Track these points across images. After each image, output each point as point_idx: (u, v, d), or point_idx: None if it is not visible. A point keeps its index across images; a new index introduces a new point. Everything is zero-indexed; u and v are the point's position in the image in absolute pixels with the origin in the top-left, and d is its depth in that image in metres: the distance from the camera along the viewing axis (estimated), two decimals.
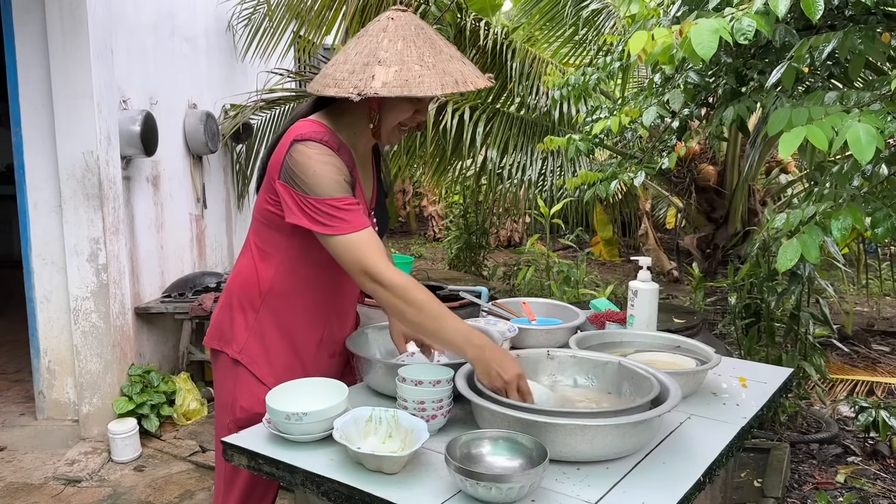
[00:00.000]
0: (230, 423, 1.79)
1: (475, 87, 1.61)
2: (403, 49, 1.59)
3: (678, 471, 1.39)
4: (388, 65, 1.57)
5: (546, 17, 5.64)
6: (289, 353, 1.80)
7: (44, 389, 3.91)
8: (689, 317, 2.95)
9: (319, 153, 1.61)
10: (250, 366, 1.78)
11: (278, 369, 1.78)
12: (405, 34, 1.61)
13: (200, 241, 5.08)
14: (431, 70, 1.57)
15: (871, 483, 3.29)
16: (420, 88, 1.55)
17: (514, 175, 5.19)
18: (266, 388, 1.74)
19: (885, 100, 1.76)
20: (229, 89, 5.48)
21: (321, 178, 1.59)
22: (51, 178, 3.73)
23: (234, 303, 1.82)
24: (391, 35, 1.61)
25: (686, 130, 3.02)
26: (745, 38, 1.81)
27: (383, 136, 1.72)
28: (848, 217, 1.69)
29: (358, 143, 1.76)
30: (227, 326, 1.82)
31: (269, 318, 1.78)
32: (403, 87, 1.55)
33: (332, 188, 1.59)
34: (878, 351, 5.26)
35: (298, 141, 1.62)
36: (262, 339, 1.78)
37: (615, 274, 8.34)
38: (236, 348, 1.79)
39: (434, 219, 11.18)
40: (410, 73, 1.56)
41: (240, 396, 1.78)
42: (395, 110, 1.67)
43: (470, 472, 1.24)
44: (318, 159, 1.60)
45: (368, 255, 1.58)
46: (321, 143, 1.62)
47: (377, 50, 1.59)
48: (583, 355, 1.74)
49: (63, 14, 3.58)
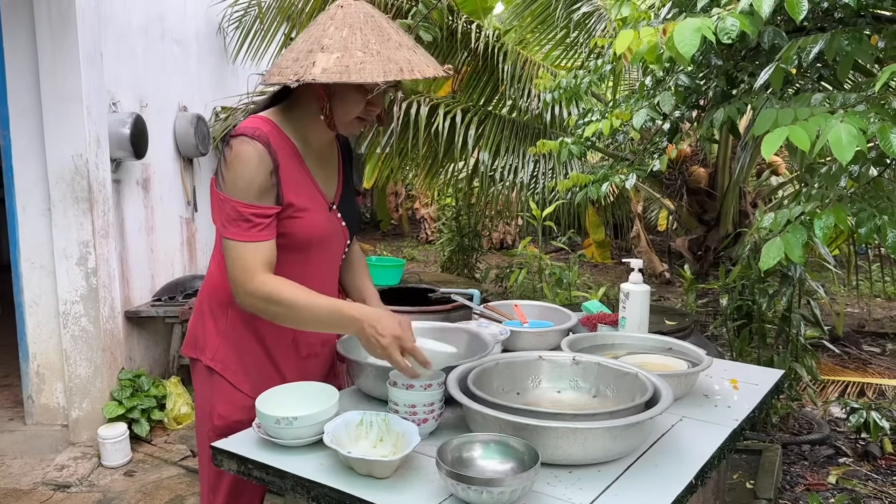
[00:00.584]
0: (209, 431, 1.77)
1: (422, 75, 1.56)
2: (348, 36, 1.56)
3: (670, 473, 1.39)
4: (331, 51, 1.54)
5: (537, 20, 5.65)
6: (261, 355, 1.78)
7: (33, 394, 3.89)
8: (680, 319, 2.95)
9: (247, 152, 1.58)
10: (224, 373, 1.76)
11: (253, 374, 1.76)
12: (352, 22, 1.58)
13: (191, 244, 5.06)
14: (375, 57, 1.53)
15: (862, 484, 3.30)
16: (360, 75, 1.51)
17: (507, 177, 5.19)
18: (241, 394, 1.75)
19: (869, 101, 1.77)
20: (220, 92, 5.46)
21: (237, 180, 1.58)
22: (40, 182, 3.71)
23: (204, 309, 1.80)
24: (338, 23, 1.58)
25: (677, 133, 3.03)
26: (729, 38, 1.81)
27: (338, 127, 1.68)
28: (831, 216, 1.70)
29: (311, 135, 1.72)
30: (200, 333, 1.80)
31: (238, 321, 1.76)
32: (343, 73, 1.51)
33: (244, 192, 1.58)
34: (868, 352, 5.29)
35: (232, 136, 1.62)
36: (233, 343, 1.77)
37: (607, 276, 8.35)
38: (209, 355, 1.77)
39: (426, 221, 11.17)
40: (352, 60, 1.52)
41: (217, 404, 1.76)
42: (345, 101, 1.62)
43: (461, 476, 1.23)
44: (242, 160, 1.58)
45: (248, 269, 1.58)
46: (251, 137, 1.59)
47: (322, 37, 1.57)
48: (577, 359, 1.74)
49: (52, 17, 3.56)
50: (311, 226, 1.70)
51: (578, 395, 1.69)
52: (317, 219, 1.71)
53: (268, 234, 1.61)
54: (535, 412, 1.40)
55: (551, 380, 1.72)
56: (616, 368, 1.65)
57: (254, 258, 1.59)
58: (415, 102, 4.98)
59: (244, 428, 1.64)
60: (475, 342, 1.87)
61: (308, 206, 1.69)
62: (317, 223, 1.71)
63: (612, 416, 1.39)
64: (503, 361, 1.72)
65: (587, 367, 1.70)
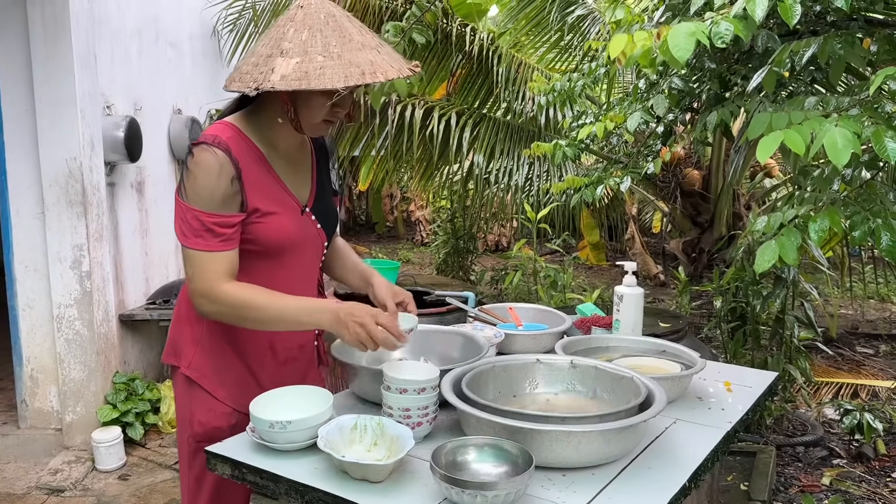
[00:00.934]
0: (189, 437, 1.76)
1: (385, 77, 1.51)
2: (308, 39, 1.51)
3: (664, 476, 1.39)
4: (290, 56, 1.49)
5: (532, 23, 5.66)
6: (236, 362, 1.76)
7: (26, 398, 3.87)
8: (674, 321, 2.96)
9: (207, 160, 1.56)
10: (200, 380, 1.73)
11: (228, 382, 1.74)
12: (312, 23, 1.53)
13: None
14: (336, 61, 1.48)
15: (856, 485, 3.31)
16: (320, 81, 1.46)
17: (501, 180, 5.20)
18: (218, 401, 1.73)
19: (863, 104, 1.78)
20: (214, 94, 5.45)
21: (198, 189, 1.56)
22: (34, 185, 3.70)
23: (182, 317, 1.78)
24: (298, 24, 1.54)
25: (671, 135, 3.04)
26: (723, 42, 1.82)
27: (305, 130, 1.65)
28: (825, 219, 1.71)
29: (277, 139, 1.69)
30: (178, 340, 1.78)
31: (213, 327, 1.73)
32: (302, 79, 1.47)
33: (206, 201, 1.56)
34: (862, 353, 5.30)
35: (193, 144, 1.60)
36: (208, 350, 1.74)
37: (602, 278, 8.36)
38: (185, 363, 1.75)
39: (421, 224, 11.17)
40: (311, 65, 1.48)
41: (196, 411, 1.74)
42: (310, 105, 1.58)
43: (455, 480, 1.23)
44: (203, 168, 1.56)
45: (211, 279, 1.57)
46: (211, 145, 1.57)
47: (282, 41, 1.52)
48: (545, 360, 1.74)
49: (45, 19, 3.56)
50: (279, 230, 1.66)
51: (575, 398, 1.70)
52: (285, 222, 1.68)
53: (231, 244, 1.59)
54: (528, 415, 1.40)
55: (549, 383, 1.72)
56: (613, 372, 1.65)
57: (217, 268, 1.57)
58: (409, 105, 4.98)
59: (224, 435, 1.63)
60: (470, 345, 1.87)
61: (276, 209, 1.66)
62: (285, 227, 1.67)
63: (606, 419, 1.39)
64: (500, 364, 1.72)
65: (584, 371, 1.70)
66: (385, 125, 5.02)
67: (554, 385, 1.72)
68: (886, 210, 1.75)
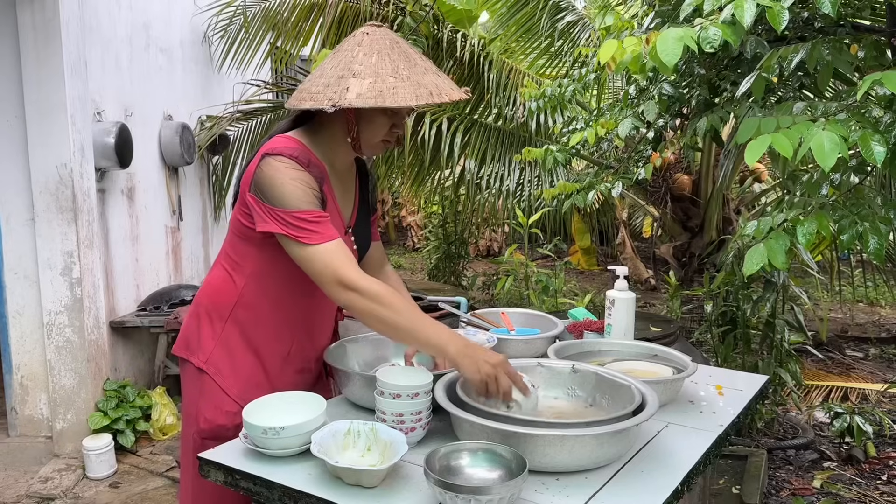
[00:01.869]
0: (194, 433, 1.78)
1: (450, 98, 1.62)
2: (378, 62, 1.61)
3: (656, 479, 1.40)
4: (363, 77, 1.58)
5: (522, 29, 5.69)
6: (254, 365, 1.78)
7: (16, 406, 3.85)
8: (665, 325, 2.97)
9: (288, 167, 1.62)
10: (215, 376, 1.76)
11: (242, 381, 1.76)
12: (380, 48, 1.63)
13: (176, 253, 5.03)
14: (406, 82, 1.59)
15: (846, 488, 3.33)
16: (394, 99, 1.56)
17: (493, 185, 5.21)
18: (229, 398, 1.75)
19: (850, 109, 1.80)
20: (205, 100, 5.45)
21: (290, 191, 1.60)
22: (23, 191, 3.68)
23: (202, 312, 1.81)
24: (366, 49, 1.63)
25: (661, 141, 3.06)
26: (712, 47, 1.84)
27: (364, 149, 1.73)
28: (813, 223, 1.72)
29: (335, 158, 1.76)
30: (193, 335, 1.81)
31: (235, 329, 1.77)
32: (378, 97, 1.56)
33: (300, 200, 1.60)
34: (851, 357, 5.34)
35: (269, 154, 1.64)
36: (228, 349, 1.77)
37: (593, 283, 8.39)
38: (202, 357, 1.78)
39: (413, 229, 11.18)
40: (385, 85, 1.57)
41: (204, 408, 1.77)
42: (373, 124, 1.67)
43: (449, 485, 1.23)
44: (287, 173, 1.61)
45: (339, 265, 1.58)
46: (289, 158, 1.63)
47: (352, 63, 1.61)
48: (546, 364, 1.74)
49: (36, 26, 3.55)
50: None
51: (575, 403, 1.69)
52: None
53: (336, 233, 1.63)
54: (521, 420, 1.40)
55: (550, 387, 1.72)
56: (613, 379, 1.64)
57: (342, 254, 1.59)
58: None
59: (227, 434, 1.65)
60: None
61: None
62: None
63: (598, 424, 1.40)
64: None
65: (585, 376, 1.70)
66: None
67: (555, 390, 1.72)
68: (874, 214, 1.77)
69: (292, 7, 5.25)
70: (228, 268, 1.78)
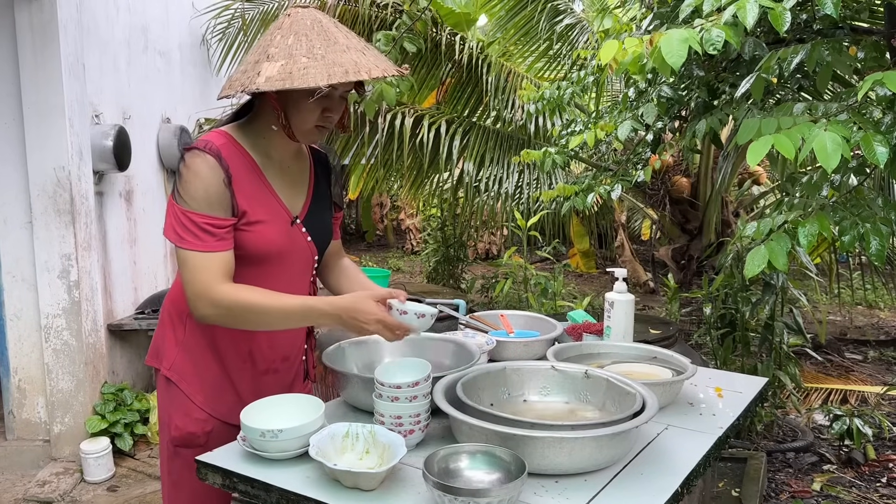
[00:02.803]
0: (167, 442, 1.76)
1: (370, 75, 1.54)
2: (294, 43, 1.56)
3: (656, 482, 1.39)
4: (276, 59, 1.54)
5: (521, 32, 5.69)
6: (216, 368, 1.75)
7: (14, 409, 3.83)
8: (664, 327, 2.96)
9: (198, 164, 1.58)
10: (180, 383, 1.73)
11: (207, 387, 1.74)
12: (298, 29, 1.58)
13: (174, 256, 5.02)
14: (319, 62, 1.52)
15: (846, 491, 3.33)
16: (303, 80, 1.50)
17: (491, 188, 5.21)
18: (196, 406, 1.72)
19: (851, 110, 1.79)
20: (203, 103, 5.44)
21: (191, 191, 1.57)
22: (21, 194, 3.67)
23: (166, 319, 1.78)
24: (284, 31, 1.59)
25: (660, 143, 3.05)
26: (715, 49, 1.83)
27: (298, 136, 1.66)
28: (815, 225, 1.72)
29: (272, 148, 1.70)
30: (160, 342, 1.79)
31: (196, 332, 1.73)
32: (286, 79, 1.50)
33: (198, 203, 1.57)
34: (850, 359, 5.33)
35: (186, 150, 1.61)
36: (190, 354, 1.74)
37: (592, 285, 8.39)
38: (167, 364, 1.75)
39: (411, 232, 11.17)
40: (295, 66, 1.52)
41: (174, 415, 1.74)
42: (300, 109, 1.61)
43: (448, 487, 1.23)
44: (195, 171, 1.58)
45: (209, 280, 1.56)
46: (202, 151, 1.59)
47: (269, 46, 1.57)
48: (560, 368, 1.74)
49: (34, 28, 3.54)
50: (265, 239, 1.66)
51: (584, 407, 1.67)
52: (272, 231, 1.67)
53: (226, 244, 1.60)
54: (520, 422, 1.40)
55: (561, 392, 1.70)
56: (621, 386, 1.62)
57: (215, 269, 1.57)
58: (399, 114, 4.99)
59: (199, 441, 1.65)
60: (461, 352, 1.87)
61: (264, 218, 1.66)
62: (270, 236, 1.67)
63: (598, 426, 1.39)
64: (511, 367, 1.72)
65: (596, 382, 1.67)
66: (375, 133, 5.03)
67: (546, 392, 1.71)
68: (875, 215, 1.76)
69: None
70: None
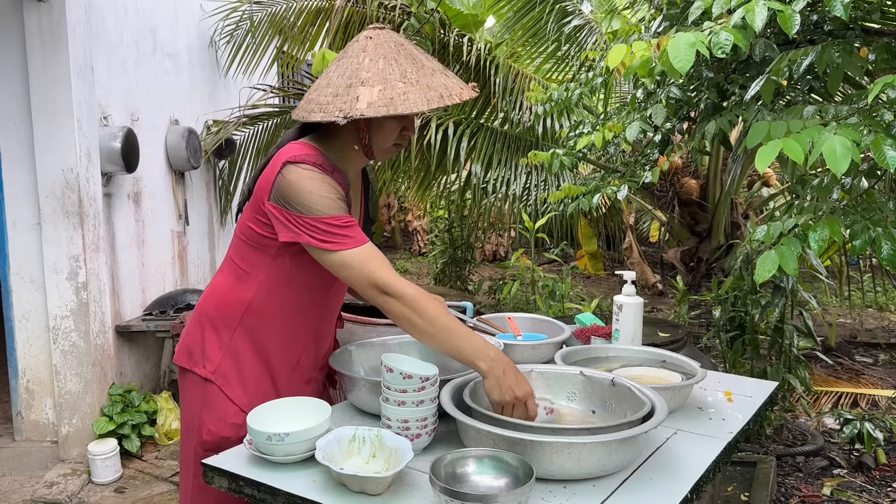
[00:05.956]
0: (196, 445, 1.74)
1: (460, 98, 1.60)
2: (385, 67, 1.58)
3: (665, 487, 1.38)
4: (372, 84, 1.56)
5: (529, 34, 5.68)
6: (263, 374, 1.75)
7: (22, 410, 3.85)
8: (673, 330, 2.95)
9: (311, 174, 1.59)
10: (223, 386, 1.73)
11: (251, 390, 1.74)
12: (385, 52, 1.60)
13: (182, 258, 5.03)
14: (415, 86, 1.56)
15: (856, 495, 3.30)
16: (406, 105, 1.54)
17: (499, 189, 5.20)
18: (236, 408, 1.72)
19: (862, 113, 1.78)
20: (212, 105, 5.46)
21: (317, 198, 1.57)
22: (30, 196, 3.69)
23: (205, 321, 1.77)
24: (371, 54, 1.60)
25: (668, 145, 3.04)
26: (723, 52, 1.82)
27: (377, 155, 1.70)
28: (825, 229, 1.70)
29: (348, 165, 1.73)
30: (196, 345, 1.77)
31: (244, 338, 1.74)
32: (389, 105, 1.53)
33: (329, 207, 1.57)
34: (861, 362, 5.30)
35: (290, 162, 1.60)
36: (236, 359, 1.74)
37: (600, 287, 8.36)
38: (210, 367, 1.74)
39: (419, 233, 11.17)
40: (395, 91, 1.55)
41: (207, 419, 1.73)
42: (384, 129, 1.65)
43: (455, 493, 1.22)
44: (313, 179, 1.58)
45: (375, 268, 1.56)
46: (314, 166, 1.60)
47: (359, 70, 1.58)
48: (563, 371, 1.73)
49: (42, 30, 3.56)
50: None
51: (572, 409, 1.68)
52: None
53: (366, 237, 1.61)
54: (528, 427, 1.39)
55: (585, 398, 1.69)
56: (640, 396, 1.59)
57: (377, 257, 1.57)
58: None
59: (232, 446, 1.61)
60: None
61: None
62: None
63: (606, 431, 1.38)
64: (538, 370, 1.72)
65: (620, 390, 1.65)
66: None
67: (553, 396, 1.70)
68: (886, 219, 1.74)
69: (298, 12, 5.25)
70: (236, 276, 1.74)
